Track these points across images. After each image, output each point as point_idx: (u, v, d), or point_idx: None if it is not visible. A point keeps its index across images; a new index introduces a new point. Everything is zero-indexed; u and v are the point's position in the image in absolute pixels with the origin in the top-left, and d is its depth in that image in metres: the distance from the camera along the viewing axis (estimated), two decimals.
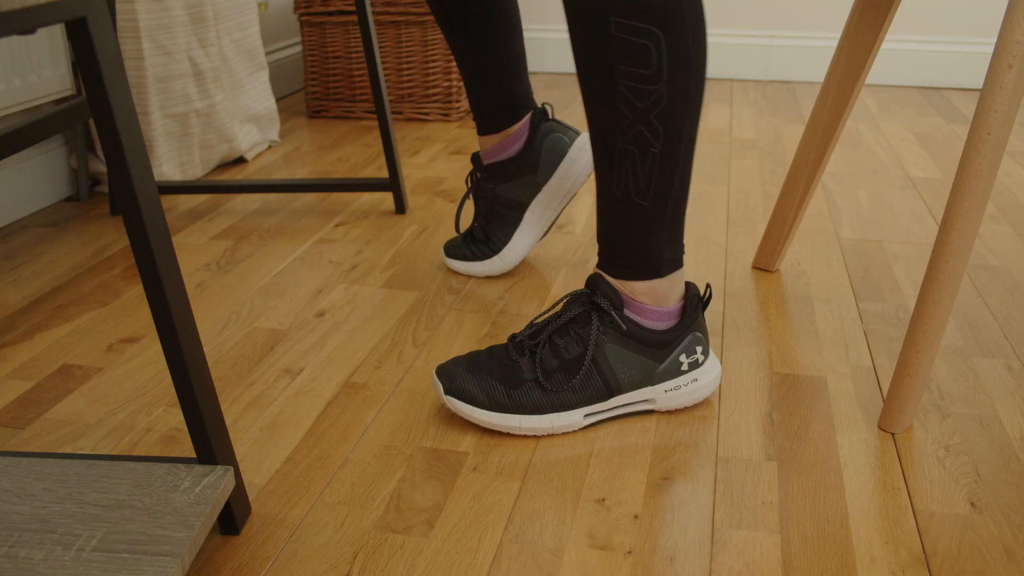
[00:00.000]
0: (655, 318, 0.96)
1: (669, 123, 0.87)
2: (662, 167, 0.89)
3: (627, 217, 0.92)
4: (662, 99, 0.85)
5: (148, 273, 0.71)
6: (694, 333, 0.97)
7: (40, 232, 1.52)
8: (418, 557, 0.78)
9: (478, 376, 0.95)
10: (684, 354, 0.96)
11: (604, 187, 0.93)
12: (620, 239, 0.94)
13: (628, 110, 0.86)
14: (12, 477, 0.76)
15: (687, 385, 0.97)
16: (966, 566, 0.77)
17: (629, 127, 0.87)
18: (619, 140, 0.88)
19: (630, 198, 0.91)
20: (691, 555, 0.78)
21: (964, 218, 0.88)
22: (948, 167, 1.86)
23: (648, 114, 0.86)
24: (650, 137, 0.87)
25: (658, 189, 0.90)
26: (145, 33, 1.64)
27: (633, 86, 0.85)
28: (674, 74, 0.85)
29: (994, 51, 0.85)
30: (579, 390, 0.94)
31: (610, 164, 0.90)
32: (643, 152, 0.88)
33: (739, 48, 2.70)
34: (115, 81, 0.67)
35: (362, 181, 1.58)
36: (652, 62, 0.84)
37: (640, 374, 0.95)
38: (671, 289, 0.96)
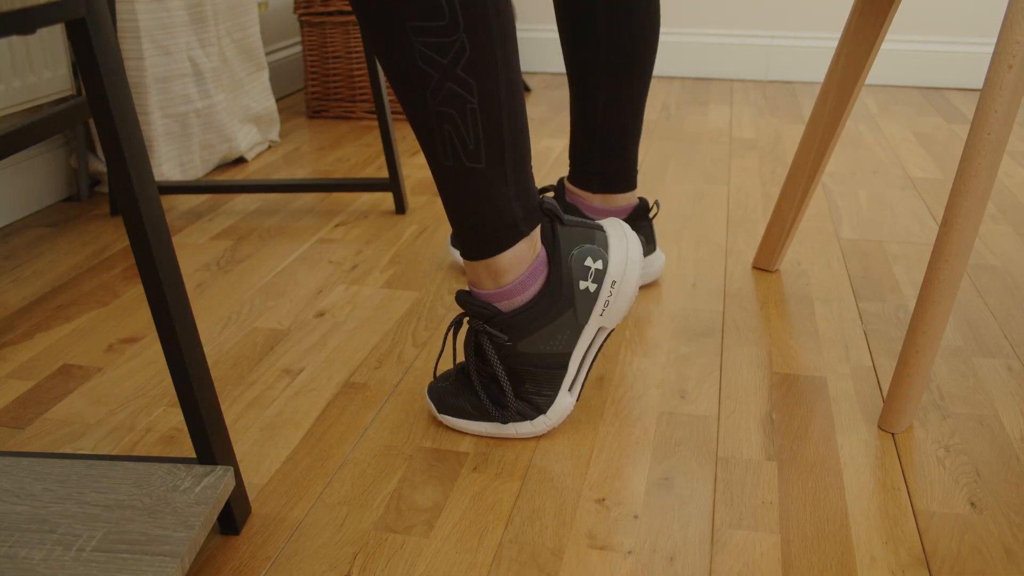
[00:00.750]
0: (529, 284, 0.89)
1: (480, 73, 0.81)
2: (486, 121, 0.82)
3: (468, 186, 0.85)
4: (464, 48, 0.79)
5: (148, 273, 0.71)
6: (571, 253, 0.89)
7: (40, 232, 1.52)
8: (418, 557, 0.78)
9: (467, 391, 0.95)
10: (580, 281, 0.90)
11: (434, 163, 0.86)
12: (467, 212, 0.87)
13: (432, 69, 0.80)
14: (12, 477, 0.76)
15: (612, 293, 0.91)
16: (966, 566, 0.77)
17: (438, 86, 0.81)
18: (432, 104, 0.82)
19: (462, 164, 0.84)
20: (691, 555, 0.78)
21: (964, 218, 0.88)
22: (948, 167, 1.86)
23: (454, 68, 0.80)
24: (463, 92, 0.81)
25: (488, 146, 0.83)
26: (145, 33, 1.64)
27: (430, 41, 0.79)
28: (471, 20, 0.79)
29: (994, 51, 0.85)
30: (541, 386, 0.92)
31: (431, 134, 0.84)
32: (460, 110, 0.82)
33: (739, 48, 2.70)
34: (115, 81, 0.67)
35: (362, 181, 1.58)
36: (444, 10, 0.78)
37: (568, 329, 0.90)
38: (534, 244, 0.90)
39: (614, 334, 1.16)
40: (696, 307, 1.23)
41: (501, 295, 0.90)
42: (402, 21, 0.79)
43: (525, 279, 0.89)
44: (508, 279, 0.89)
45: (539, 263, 0.90)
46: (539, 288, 0.90)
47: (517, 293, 0.89)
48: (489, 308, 0.90)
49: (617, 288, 0.91)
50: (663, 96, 2.51)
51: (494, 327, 0.90)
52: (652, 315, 1.21)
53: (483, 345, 0.91)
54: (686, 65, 2.75)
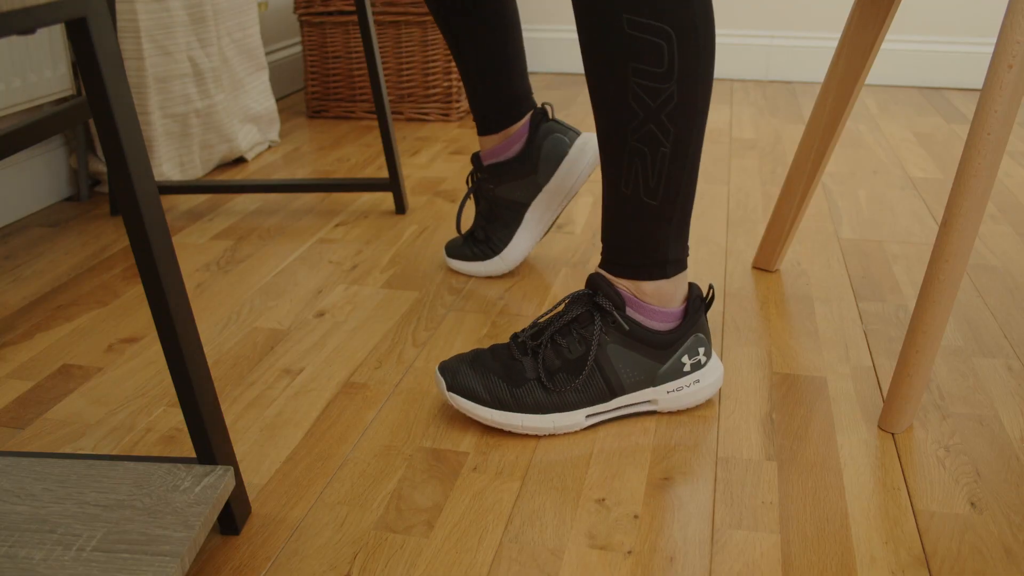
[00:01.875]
0: (658, 319, 0.96)
1: (679, 122, 0.88)
2: (671, 167, 0.90)
3: (635, 216, 0.92)
4: (673, 98, 0.86)
5: (148, 273, 0.71)
6: (697, 334, 0.97)
7: (40, 232, 1.52)
8: (418, 557, 0.78)
9: (481, 373, 0.95)
10: (687, 355, 0.96)
11: (612, 186, 0.93)
12: (627, 238, 0.94)
13: (640, 108, 0.87)
14: (12, 477, 0.76)
15: (689, 386, 0.97)
16: (966, 566, 0.77)
17: (640, 125, 0.88)
18: (630, 138, 0.89)
19: (639, 197, 0.91)
20: (691, 555, 0.78)
21: (964, 218, 0.88)
22: (948, 167, 1.86)
23: (659, 113, 0.87)
24: (660, 136, 0.88)
25: (667, 189, 0.91)
26: (145, 33, 1.64)
27: (645, 84, 0.86)
28: (684, 73, 0.85)
29: (994, 51, 0.85)
30: (582, 390, 0.94)
31: (619, 163, 0.91)
32: (653, 151, 0.89)
33: (739, 48, 2.70)
34: (115, 81, 0.67)
35: (362, 181, 1.58)
36: (664, 60, 0.84)
37: (642, 375, 0.95)
38: (676, 290, 0.96)
39: None
40: None
41: (631, 301, 0.96)
42: (626, 61, 0.85)
43: (658, 312, 0.96)
44: (646, 300, 0.96)
45: (677, 314, 0.97)
46: (668, 329, 0.97)
47: (647, 313, 0.96)
48: (620, 299, 0.95)
49: None
50: None
51: (617, 316, 0.94)
52: None
53: (592, 322, 0.94)
54: None
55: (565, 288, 1.30)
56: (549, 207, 1.31)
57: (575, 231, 1.51)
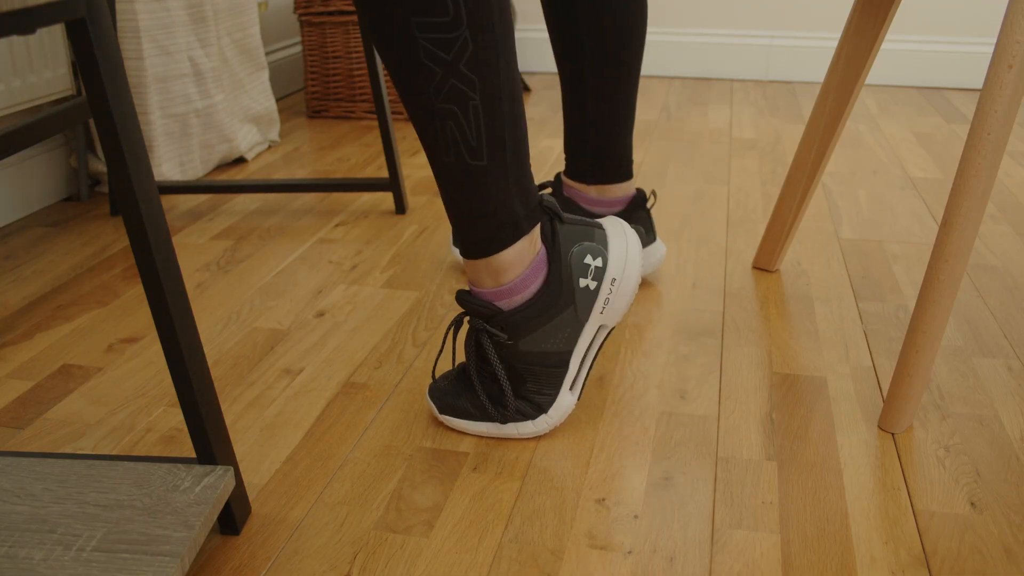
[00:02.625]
0: (532, 280, 0.89)
1: (483, 69, 0.81)
2: (488, 118, 0.82)
3: (469, 183, 0.85)
4: (468, 45, 0.79)
5: (148, 273, 0.71)
6: (570, 251, 0.89)
7: (40, 232, 1.52)
8: (418, 557, 0.78)
9: (467, 390, 0.95)
10: (580, 277, 0.89)
11: (435, 159, 0.86)
12: (468, 210, 0.87)
13: (435, 65, 0.80)
14: (12, 477, 0.76)
15: (612, 292, 0.90)
16: (966, 566, 0.77)
17: (442, 83, 0.81)
18: (435, 100, 0.82)
19: (464, 161, 0.84)
20: (691, 555, 0.78)
21: (964, 218, 0.88)
22: (948, 167, 1.86)
23: (457, 64, 0.80)
24: (466, 89, 0.81)
25: (491, 144, 0.83)
26: (145, 33, 1.64)
27: (434, 37, 0.79)
28: (474, 16, 0.79)
29: (994, 51, 0.85)
30: (542, 384, 0.92)
31: (433, 130, 0.84)
32: (463, 107, 0.82)
33: (739, 48, 2.70)
34: (115, 81, 0.67)
35: (362, 181, 1.58)
36: (448, 7, 0.78)
37: (569, 327, 0.90)
38: (535, 239, 0.89)
39: (614, 333, 1.16)
40: (696, 307, 1.23)
41: (501, 294, 0.90)
42: (405, 16, 0.78)
43: (525, 277, 0.89)
44: (508, 278, 0.89)
45: (539, 261, 0.90)
46: (539, 286, 0.90)
47: (517, 292, 0.89)
48: (489, 307, 0.90)
49: (617, 285, 0.91)
50: (663, 96, 2.51)
51: (494, 326, 0.90)
52: (652, 315, 1.21)
53: (483, 344, 0.91)
54: (686, 65, 2.75)
55: None
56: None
57: None
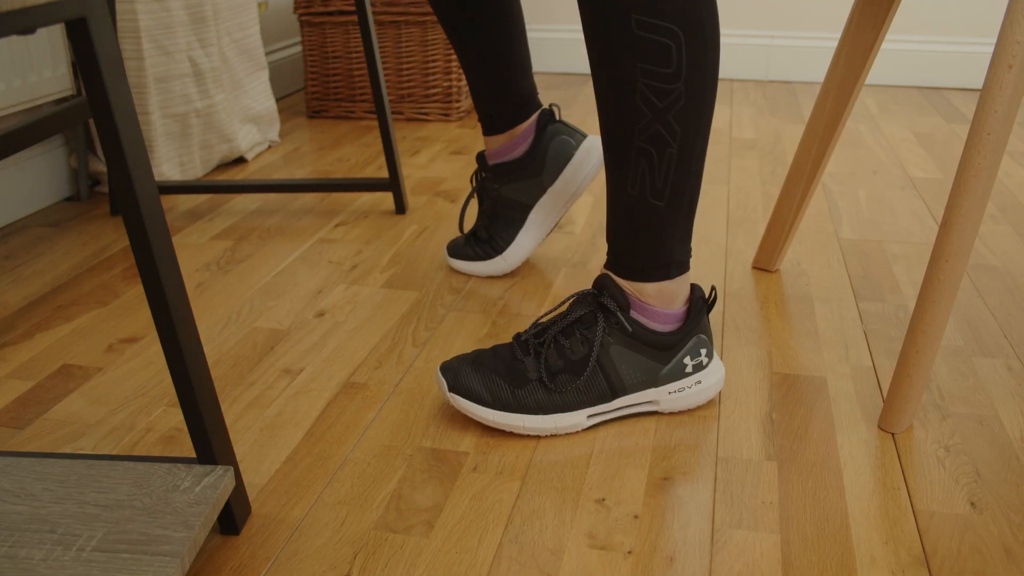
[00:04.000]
0: (661, 320, 0.96)
1: (686, 123, 0.87)
2: (678, 167, 0.89)
3: (641, 217, 0.92)
4: (680, 98, 0.86)
5: (148, 273, 0.71)
6: (699, 335, 0.97)
7: (40, 232, 1.52)
8: (418, 557, 0.78)
9: (483, 374, 0.95)
10: (689, 356, 0.96)
11: (618, 186, 0.93)
12: (632, 239, 0.94)
13: (647, 108, 0.87)
14: (12, 477, 0.76)
15: (691, 387, 0.97)
16: (966, 566, 0.77)
17: (647, 126, 0.87)
18: (637, 139, 0.88)
19: (645, 198, 0.91)
20: (691, 555, 0.78)
21: (964, 218, 0.88)
22: (948, 167, 1.86)
23: (667, 113, 0.87)
24: (668, 137, 0.88)
25: (673, 190, 0.91)
26: (145, 33, 1.64)
27: (653, 85, 0.86)
28: (692, 74, 0.85)
29: (994, 51, 0.85)
30: (583, 391, 0.94)
31: (626, 163, 0.90)
32: (660, 152, 0.88)
33: (739, 48, 2.70)
34: (115, 81, 0.67)
35: (362, 181, 1.58)
36: (672, 61, 0.84)
37: (644, 375, 0.95)
38: (678, 291, 0.96)
39: None
40: None
41: (637, 306, 0.96)
42: (633, 61, 0.85)
43: (664, 314, 0.96)
44: (648, 303, 0.96)
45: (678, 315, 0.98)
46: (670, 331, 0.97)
47: (659, 319, 0.96)
48: (624, 299, 0.94)
49: None
50: None
51: (619, 315, 0.94)
52: None
53: (596, 323, 0.94)
54: None
55: (565, 288, 1.30)
56: (553, 209, 1.31)
57: (575, 231, 1.51)
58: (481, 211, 1.34)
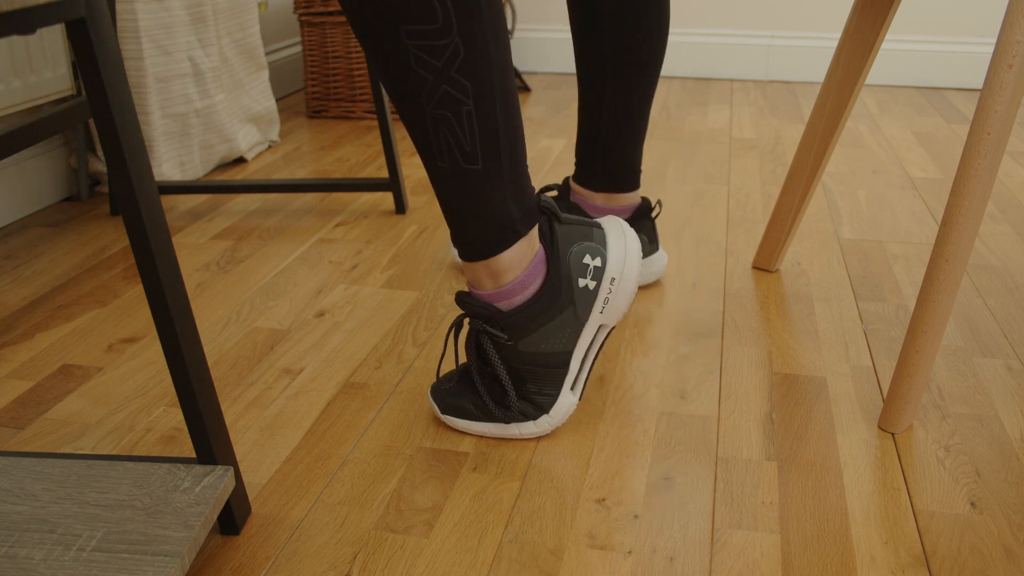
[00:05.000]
0: (531, 281, 0.90)
1: (476, 75, 0.81)
2: (482, 123, 0.82)
3: (465, 188, 0.85)
4: (459, 51, 0.79)
5: (148, 273, 0.71)
6: (569, 251, 0.90)
7: (40, 232, 1.52)
8: (418, 557, 0.78)
9: (469, 390, 0.95)
10: (579, 277, 0.90)
11: (430, 164, 0.86)
12: (465, 214, 0.87)
13: (426, 72, 0.80)
14: (12, 477, 0.76)
15: (612, 292, 0.91)
16: (966, 566, 0.77)
17: (433, 89, 0.81)
18: (427, 106, 0.82)
19: (459, 166, 0.84)
20: (691, 555, 0.78)
21: (964, 218, 0.88)
22: (948, 167, 1.86)
23: (448, 70, 0.80)
24: (458, 95, 0.81)
25: (485, 148, 0.83)
26: (145, 33, 1.64)
27: (424, 44, 0.79)
28: (464, 22, 0.79)
29: (994, 51, 0.85)
30: (543, 385, 0.92)
31: (427, 136, 0.84)
32: (456, 112, 0.82)
33: (739, 48, 2.70)
34: (115, 81, 0.67)
35: (362, 181, 1.58)
36: (437, 13, 0.78)
37: (569, 328, 0.91)
38: (531, 245, 0.90)
39: (614, 333, 1.16)
40: (696, 307, 1.23)
41: (500, 295, 0.90)
42: (395, 25, 0.78)
43: (524, 278, 0.89)
44: (507, 279, 0.89)
45: (538, 262, 0.90)
46: (539, 287, 0.90)
47: (516, 292, 0.90)
48: (489, 308, 0.90)
49: (616, 285, 0.91)
50: (663, 96, 2.51)
51: (494, 327, 0.90)
52: (652, 315, 1.21)
53: (484, 345, 0.91)
54: (686, 65, 2.75)
55: None
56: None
57: None
58: None
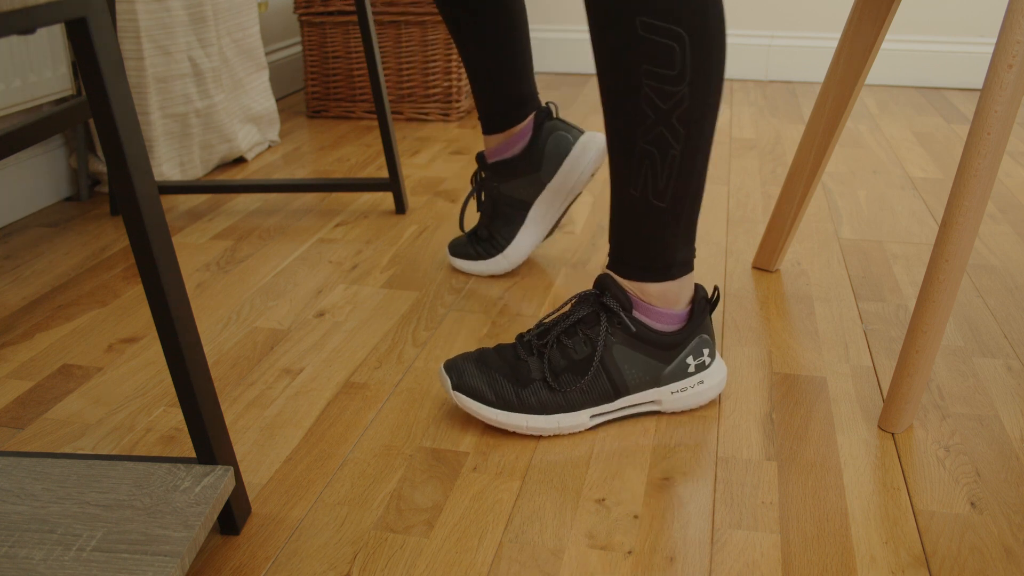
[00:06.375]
0: (664, 320, 0.96)
1: (690, 125, 0.87)
2: (681, 169, 0.89)
3: (643, 218, 0.92)
4: (684, 101, 0.86)
5: (148, 273, 0.71)
6: (702, 335, 0.97)
7: (40, 232, 1.52)
8: (418, 557, 0.78)
9: (486, 373, 0.95)
10: (691, 356, 0.96)
11: (621, 187, 0.93)
12: (634, 240, 0.94)
13: (651, 111, 0.86)
14: (12, 477, 0.76)
15: (693, 387, 0.98)
16: (966, 566, 0.77)
17: (651, 127, 0.87)
18: (640, 140, 0.88)
19: (647, 199, 0.91)
20: (691, 555, 0.78)
21: (964, 218, 0.88)
22: (948, 167, 1.86)
23: (670, 115, 0.86)
24: (671, 139, 0.87)
25: (676, 191, 0.90)
26: (145, 33, 1.64)
27: (657, 87, 0.85)
28: (696, 76, 0.85)
29: (994, 51, 0.85)
30: (586, 391, 0.94)
31: (629, 164, 0.90)
32: (663, 153, 0.88)
33: (739, 48, 2.70)
34: (115, 81, 0.67)
35: (362, 181, 1.58)
36: (676, 63, 0.84)
37: (647, 375, 0.95)
38: (681, 291, 0.96)
39: None
40: None
41: (638, 303, 0.96)
42: (638, 63, 0.85)
43: (663, 314, 0.96)
44: (649, 302, 0.96)
45: (681, 315, 0.98)
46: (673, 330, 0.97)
47: (652, 315, 0.96)
48: (627, 302, 0.94)
49: None
50: None
51: (624, 319, 0.94)
52: None
53: (599, 323, 0.94)
54: None
55: (565, 288, 1.30)
56: (552, 205, 1.31)
57: (575, 231, 1.51)
58: (481, 210, 1.34)
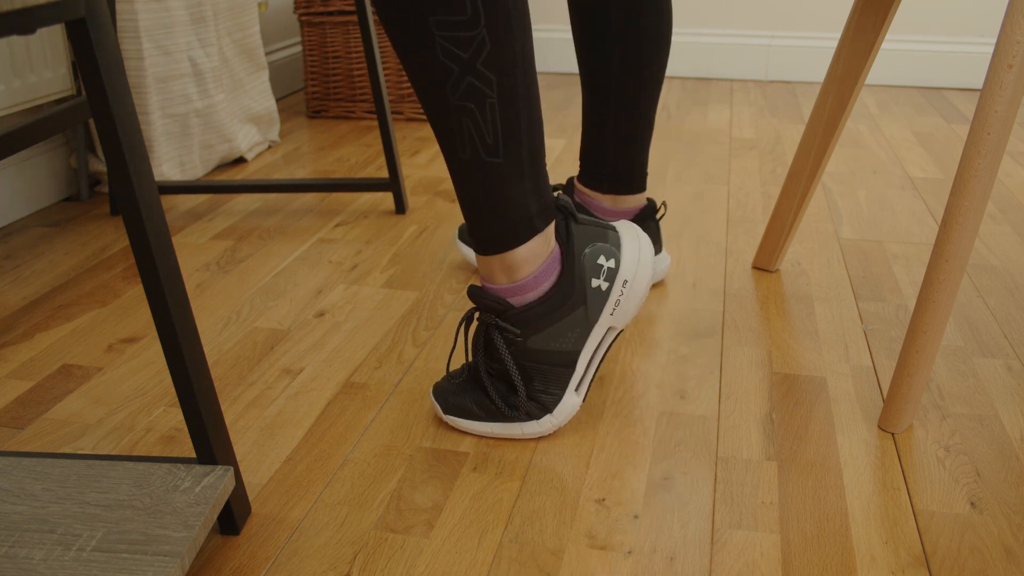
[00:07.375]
0: (544, 278, 0.90)
1: (501, 68, 0.81)
2: (505, 117, 0.83)
3: (483, 181, 0.86)
4: (485, 44, 0.80)
5: (148, 273, 0.71)
6: (584, 251, 0.90)
7: (40, 232, 1.52)
8: (418, 557, 0.78)
9: (473, 390, 0.95)
10: (593, 278, 0.90)
11: (451, 156, 0.86)
12: (483, 207, 0.87)
13: (452, 63, 0.81)
14: (12, 477, 0.76)
15: (623, 293, 0.91)
16: (966, 566, 0.77)
17: (459, 81, 0.81)
18: (452, 97, 0.82)
19: (480, 158, 0.85)
20: (691, 555, 0.78)
21: (964, 218, 0.88)
22: (948, 167, 1.86)
23: (474, 63, 0.81)
24: (483, 87, 0.82)
25: (507, 141, 0.84)
26: (145, 33, 1.64)
27: (451, 35, 0.79)
28: (491, 16, 0.79)
29: (994, 51, 0.85)
30: (549, 384, 0.92)
31: (450, 127, 0.84)
32: (480, 105, 0.82)
33: (739, 48, 2.70)
34: (115, 81, 0.67)
35: (362, 181, 1.58)
36: (467, 6, 0.78)
37: (579, 327, 0.91)
38: (547, 241, 0.90)
39: None
40: (696, 307, 1.23)
41: (514, 290, 0.90)
42: (424, 15, 0.79)
43: (539, 274, 0.90)
44: (522, 274, 0.89)
45: (553, 259, 0.90)
46: (552, 284, 0.90)
47: (530, 288, 0.90)
48: (501, 303, 0.90)
49: (628, 288, 0.91)
50: (663, 96, 2.51)
51: (506, 322, 0.90)
52: (652, 315, 1.21)
53: (494, 340, 0.91)
54: (686, 65, 2.75)
55: None
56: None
57: None
58: None
